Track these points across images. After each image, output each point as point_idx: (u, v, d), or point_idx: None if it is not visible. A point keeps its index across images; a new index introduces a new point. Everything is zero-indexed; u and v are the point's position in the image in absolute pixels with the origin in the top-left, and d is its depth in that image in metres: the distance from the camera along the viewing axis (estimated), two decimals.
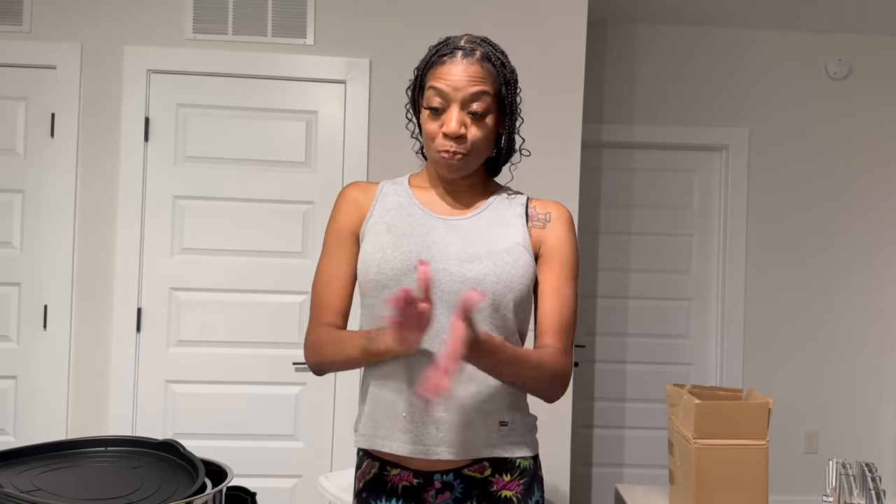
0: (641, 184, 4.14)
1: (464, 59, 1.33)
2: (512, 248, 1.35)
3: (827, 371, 4.10)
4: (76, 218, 2.87)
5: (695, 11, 3.91)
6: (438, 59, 1.35)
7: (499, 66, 1.36)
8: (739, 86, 4.09)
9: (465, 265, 1.32)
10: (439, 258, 1.33)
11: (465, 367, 1.28)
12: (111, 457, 1.48)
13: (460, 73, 1.32)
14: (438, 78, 1.33)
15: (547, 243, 1.39)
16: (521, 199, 1.45)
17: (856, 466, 1.81)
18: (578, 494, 4.07)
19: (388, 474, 1.36)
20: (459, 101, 1.32)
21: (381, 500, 1.36)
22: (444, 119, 1.33)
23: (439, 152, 1.34)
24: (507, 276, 1.32)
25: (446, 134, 1.32)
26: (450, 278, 1.32)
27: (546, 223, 1.41)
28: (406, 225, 1.37)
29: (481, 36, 1.39)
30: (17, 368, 2.88)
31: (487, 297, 1.31)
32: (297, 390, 2.93)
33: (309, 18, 2.95)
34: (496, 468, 1.36)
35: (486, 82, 1.33)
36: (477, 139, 1.33)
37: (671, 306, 4.14)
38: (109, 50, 2.89)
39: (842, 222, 4.11)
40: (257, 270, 2.93)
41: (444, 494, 1.34)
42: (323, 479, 2.45)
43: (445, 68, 1.33)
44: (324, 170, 2.95)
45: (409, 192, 1.44)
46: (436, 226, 1.38)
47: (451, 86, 1.32)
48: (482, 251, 1.34)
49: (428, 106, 1.35)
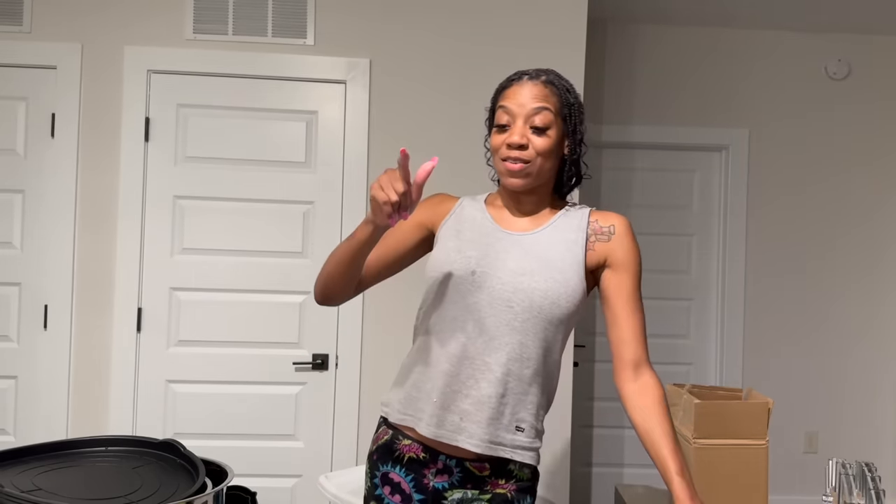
0: (641, 184, 4.14)
1: (529, 82, 1.48)
2: (565, 269, 1.46)
3: (827, 371, 4.10)
4: (76, 218, 2.87)
5: (695, 11, 3.91)
6: (508, 83, 1.51)
7: (562, 91, 1.49)
8: (739, 86, 4.09)
9: (517, 277, 1.44)
10: (496, 267, 1.46)
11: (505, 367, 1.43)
12: (111, 457, 1.49)
13: (525, 93, 1.47)
14: (505, 98, 1.49)
15: (615, 255, 1.49)
16: (583, 214, 1.54)
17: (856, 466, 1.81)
18: (578, 494, 4.07)
19: (399, 443, 1.50)
20: (523, 116, 1.45)
21: (387, 465, 1.51)
22: (509, 133, 1.47)
23: (503, 161, 1.47)
24: (554, 293, 1.44)
25: (509, 144, 1.45)
26: (501, 286, 1.44)
27: (611, 236, 1.50)
28: (474, 234, 1.51)
29: (550, 68, 1.55)
30: (17, 368, 2.88)
31: (534, 309, 1.43)
32: (297, 390, 2.93)
33: (309, 18, 2.95)
34: (496, 471, 1.47)
35: (549, 101, 1.47)
36: (539, 149, 1.45)
37: (671, 306, 4.14)
38: (109, 50, 2.89)
39: (842, 222, 4.11)
40: (257, 270, 2.93)
41: (443, 475, 1.47)
42: (323, 479, 2.45)
43: (512, 90, 1.49)
44: (324, 170, 2.95)
45: (484, 207, 1.57)
46: (501, 238, 1.50)
47: (517, 102, 1.46)
48: (536, 266, 1.45)
49: (496, 124, 1.49)
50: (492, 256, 1.47)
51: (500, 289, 1.44)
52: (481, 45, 2.99)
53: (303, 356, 2.93)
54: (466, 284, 1.45)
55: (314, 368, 2.93)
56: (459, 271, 1.46)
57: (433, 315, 1.50)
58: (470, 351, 1.44)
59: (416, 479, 1.48)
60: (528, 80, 1.48)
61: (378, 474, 1.51)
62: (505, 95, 1.49)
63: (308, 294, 2.94)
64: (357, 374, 2.93)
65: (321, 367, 2.93)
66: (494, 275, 1.45)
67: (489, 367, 1.43)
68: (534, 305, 1.43)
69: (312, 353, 2.94)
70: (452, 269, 1.47)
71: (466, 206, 1.58)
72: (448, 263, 1.48)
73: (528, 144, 1.44)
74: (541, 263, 1.45)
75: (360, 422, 2.93)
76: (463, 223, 1.54)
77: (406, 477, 1.48)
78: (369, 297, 2.93)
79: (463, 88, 2.98)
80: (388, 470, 1.50)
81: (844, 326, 4.10)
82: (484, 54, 2.98)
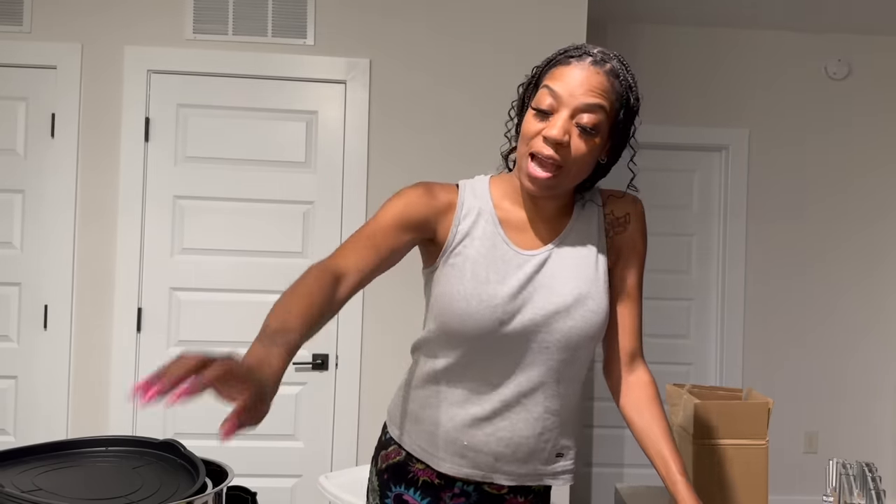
0: (641, 184, 4.12)
1: (591, 66, 1.20)
2: (596, 292, 1.30)
3: (827, 371, 4.10)
4: (76, 218, 2.87)
5: (695, 11, 3.91)
6: (565, 58, 1.22)
7: (625, 87, 1.23)
8: (739, 86, 4.09)
9: (550, 318, 1.27)
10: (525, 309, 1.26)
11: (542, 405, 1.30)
12: (111, 457, 1.48)
13: (581, 79, 1.19)
14: (556, 78, 1.21)
15: (628, 245, 1.37)
16: (597, 208, 1.36)
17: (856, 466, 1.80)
18: (578, 494, 4.07)
19: (413, 465, 1.38)
20: (571, 107, 1.19)
21: (400, 486, 1.38)
22: (549, 123, 1.20)
23: (531, 155, 1.21)
24: (591, 327, 1.29)
25: (546, 137, 1.19)
26: (535, 328, 1.27)
27: (627, 226, 1.37)
28: (491, 266, 1.27)
29: (617, 53, 1.26)
30: (17, 368, 2.88)
31: (572, 347, 1.29)
32: (297, 390, 2.93)
33: (309, 18, 2.95)
34: (513, 489, 1.39)
35: (607, 98, 1.20)
36: (578, 156, 1.20)
37: (671, 306, 4.14)
38: (109, 50, 2.89)
39: (841, 222, 4.11)
40: (257, 270, 2.93)
41: (459, 499, 1.37)
42: (323, 479, 2.45)
43: (568, 70, 1.21)
44: (324, 170, 2.95)
45: (494, 216, 1.31)
46: (521, 265, 1.28)
47: (568, 89, 1.19)
48: (569, 301, 1.27)
49: (536, 106, 1.22)
50: (519, 297, 1.26)
51: (534, 331, 1.26)
52: (481, 45, 2.99)
53: (303, 356, 2.93)
54: (493, 334, 1.26)
55: (314, 368, 2.93)
56: (484, 321, 1.25)
57: (453, 363, 1.31)
58: (503, 397, 1.29)
59: (433, 502, 1.37)
60: (590, 64, 1.20)
61: (391, 494, 1.40)
62: (555, 74, 1.21)
63: None
64: (357, 374, 2.93)
65: (321, 367, 2.93)
66: (525, 317, 1.26)
67: (525, 409, 1.29)
68: (571, 344, 1.28)
69: (312, 353, 2.94)
70: (476, 320, 1.25)
71: (472, 211, 1.31)
72: (469, 313, 1.25)
73: (567, 143, 1.19)
74: (573, 295, 1.27)
75: (360, 422, 2.93)
76: (476, 248, 1.28)
77: (422, 500, 1.37)
78: (369, 298, 2.93)
79: (463, 88, 2.98)
80: (401, 492, 1.38)
81: (845, 326, 4.10)
82: (484, 54, 2.98)
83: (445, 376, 1.32)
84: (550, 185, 1.22)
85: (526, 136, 1.23)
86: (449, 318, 1.27)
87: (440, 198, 1.30)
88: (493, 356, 1.28)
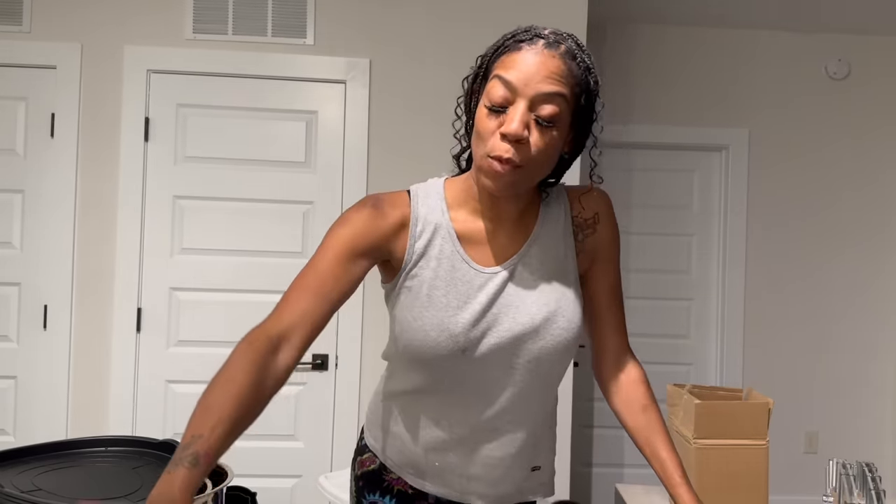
0: (641, 184, 4.14)
1: (545, 49, 1.09)
2: (566, 305, 1.21)
3: (827, 371, 4.10)
4: (76, 218, 2.87)
5: (695, 12, 3.91)
6: (514, 43, 1.11)
7: (584, 69, 1.12)
8: (739, 86, 4.09)
9: (517, 341, 1.18)
10: (489, 334, 1.18)
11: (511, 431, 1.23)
12: (111, 457, 1.48)
13: (536, 65, 1.07)
14: (508, 66, 1.09)
15: (601, 245, 1.27)
16: (564, 209, 1.26)
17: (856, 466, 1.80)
18: (578, 494, 4.07)
19: (387, 475, 1.34)
20: (528, 98, 1.07)
21: (374, 495, 1.34)
22: (505, 118, 1.08)
23: (489, 157, 1.09)
24: (562, 345, 1.21)
25: (504, 134, 1.07)
26: (501, 353, 1.19)
27: (596, 226, 1.26)
28: (451, 290, 1.17)
29: (570, 32, 1.15)
30: (17, 368, 2.88)
31: (543, 366, 1.21)
32: (297, 390, 2.93)
33: (309, 18, 2.95)
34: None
35: (565, 83, 1.09)
36: (538, 150, 1.09)
37: (671, 306, 4.14)
38: (109, 50, 2.89)
39: (842, 222, 4.11)
40: (257, 270, 2.93)
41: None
42: (323, 479, 2.45)
43: (520, 55, 1.09)
44: (324, 170, 2.95)
45: (452, 230, 1.20)
46: (484, 286, 1.18)
47: (523, 78, 1.07)
48: (537, 321, 1.19)
49: (489, 99, 1.10)
50: (482, 322, 1.17)
51: (500, 356, 1.18)
52: (481, 46, 2.98)
53: (303, 357, 2.92)
54: (455, 361, 1.17)
55: (314, 368, 2.93)
56: (445, 351, 1.16)
57: (419, 384, 1.23)
58: (471, 422, 1.22)
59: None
60: (544, 47, 1.09)
61: (366, 502, 1.35)
62: (506, 62, 1.10)
63: None
64: (357, 374, 2.93)
65: (321, 367, 2.93)
66: (490, 341, 1.17)
67: (497, 431, 1.23)
68: (542, 364, 1.20)
69: (312, 353, 2.93)
70: (436, 350, 1.16)
71: (427, 227, 1.19)
72: (428, 344, 1.16)
73: (527, 139, 1.08)
74: (541, 315, 1.19)
75: (359, 422, 2.93)
76: (433, 269, 1.18)
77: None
78: (369, 298, 2.93)
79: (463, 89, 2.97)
80: (376, 500, 1.34)
81: (845, 326, 4.10)
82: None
83: (413, 396, 1.26)
84: (512, 183, 1.10)
85: (482, 135, 1.10)
86: (408, 344, 1.19)
87: (390, 217, 1.17)
88: (459, 380, 1.20)
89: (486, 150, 1.09)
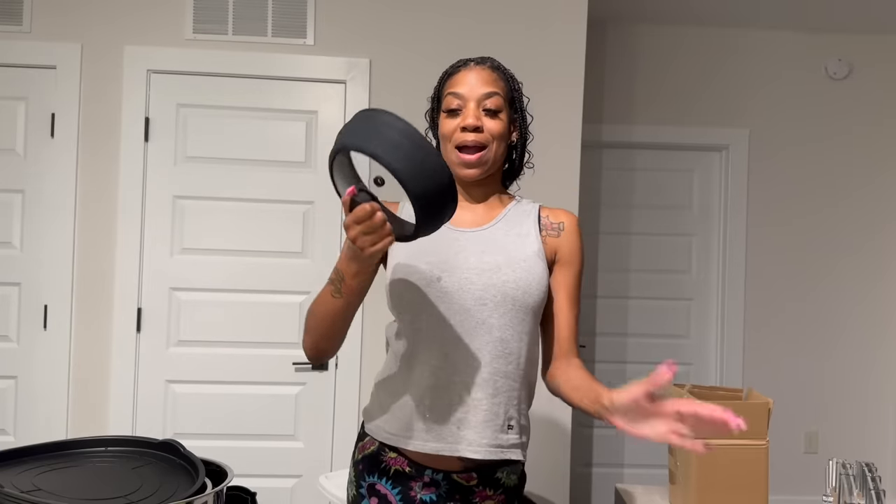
0: (641, 184, 4.14)
1: (476, 67, 1.47)
2: (528, 257, 1.44)
3: (827, 371, 4.10)
4: (76, 218, 2.87)
5: (695, 11, 3.91)
6: (454, 70, 1.49)
7: (508, 77, 1.50)
8: (739, 86, 4.09)
9: (485, 273, 1.41)
10: (460, 267, 1.42)
11: (490, 366, 1.40)
12: (111, 457, 1.49)
13: (474, 77, 1.46)
14: (455, 84, 1.47)
15: (562, 251, 1.49)
16: (533, 209, 1.53)
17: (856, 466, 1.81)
18: (578, 494, 4.07)
19: (385, 455, 1.46)
20: (475, 99, 1.44)
21: (373, 476, 1.47)
22: (462, 116, 1.44)
23: (457, 148, 1.44)
24: (525, 282, 1.41)
25: (464, 127, 1.42)
26: (471, 286, 1.40)
27: (560, 231, 1.50)
28: (427, 240, 1.45)
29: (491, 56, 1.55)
30: (17, 368, 2.88)
31: (509, 302, 1.41)
32: (297, 390, 2.93)
33: (309, 18, 2.95)
34: (483, 481, 1.45)
35: (497, 85, 1.46)
36: (493, 132, 1.44)
37: (671, 306, 4.14)
38: (109, 50, 2.89)
39: (842, 222, 4.11)
40: (257, 270, 2.93)
41: (430, 488, 1.43)
42: (323, 479, 2.45)
43: (461, 75, 1.47)
44: (324, 170, 2.95)
45: None
46: (457, 237, 1.46)
47: (468, 87, 1.45)
48: (501, 260, 1.43)
49: (446, 109, 1.46)
50: (452, 258, 1.43)
51: (471, 288, 1.41)
52: (481, 46, 2.99)
53: (303, 356, 2.93)
54: (435, 292, 1.41)
55: (314, 368, 2.93)
56: (424, 281, 1.41)
57: (406, 330, 1.44)
58: (453, 358, 1.40)
59: (404, 491, 1.44)
60: (475, 66, 1.48)
61: (364, 484, 1.48)
62: (453, 82, 1.48)
63: (307, 294, 2.94)
64: (357, 374, 2.93)
65: (321, 367, 2.93)
66: (462, 275, 1.41)
67: (476, 370, 1.40)
68: (507, 298, 1.40)
69: None
70: (415, 280, 1.41)
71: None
72: (409, 275, 1.42)
73: (482, 127, 1.43)
74: (504, 256, 1.43)
75: (359, 422, 2.93)
76: None
77: (393, 490, 1.45)
78: (369, 298, 2.93)
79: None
80: (374, 481, 1.46)
81: (845, 326, 4.10)
82: (484, 54, 2.98)
83: (405, 354, 1.44)
84: (482, 162, 1.44)
85: (447, 135, 1.46)
86: (393, 285, 1.43)
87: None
88: (440, 321, 1.40)
89: (454, 143, 1.44)
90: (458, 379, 1.40)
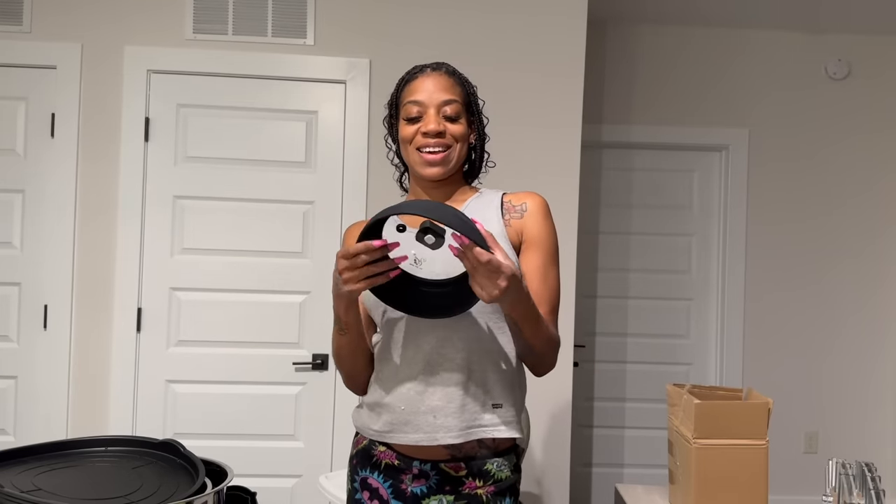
0: (641, 184, 4.14)
1: (433, 73, 1.51)
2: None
3: (827, 371, 4.10)
4: (76, 218, 2.87)
5: (695, 11, 3.91)
6: (411, 77, 1.52)
7: (463, 81, 1.54)
8: (739, 86, 4.09)
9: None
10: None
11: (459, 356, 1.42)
12: (111, 457, 1.49)
13: (432, 84, 1.49)
14: (413, 92, 1.50)
15: (528, 231, 1.49)
16: (496, 196, 1.54)
17: (856, 466, 1.81)
18: (578, 494, 4.08)
19: (376, 449, 1.50)
20: (435, 105, 1.47)
21: (366, 470, 1.50)
22: (423, 122, 1.47)
23: (419, 150, 1.47)
24: None
25: (426, 132, 1.46)
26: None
27: (523, 213, 1.50)
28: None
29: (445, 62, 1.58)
30: (17, 368, 2.88)
31: None
32: (297, 390, 2.93)
33: (309, 18, 2.95)
34: (472, 472, 1.45)
35: (455, 92, 1.50)
36: (454, 135, 1.48)
37: (671, 306, 4.14)
38: (109, 50, 2.90)
39: (842, 222, 4.11)
40: (257, 270, 2.93)
41: (420, 480, 1.45)
42: (323, 479, 2.46)
43: (418, 82, 1.50)
44: (324, 170, 2.96)
45: None
46: None
47: (426, 94, 1.48)
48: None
49: (406, 117, 1.49)
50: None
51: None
52: (481, 46, 2.99)
53: (303, 356, 2.93)
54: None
55: (314, 368, 2.93)
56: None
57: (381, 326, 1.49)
58: (426, 350, 1.42)
59: (394, 484, 1.46)
60: (431, 72, 1.51)
61: (357, 478, 1.52)
62: (411, 89, 1.50)
63: (307, 294, 2.94)
64: None
65: (321, 367, 2.93)
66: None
67: (449, 359, 1.42)
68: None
69: (312, 353, 2.94)
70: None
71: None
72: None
73: (444, 132, 1.46)
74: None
75: None
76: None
77: (384, 483, 1.47)
78: None
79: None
80: (366, 475, 1.50)
81: (845, 326, 4.10)
82: (484, 55, 2.98)
83: (381, 348, 1.48)
84: (445, 160, 1.47)
85: (408, 140, 1.49)
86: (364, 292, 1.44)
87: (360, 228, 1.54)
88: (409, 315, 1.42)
89: (415, 146, 1.48)
90: (433, 369, 1.42)
